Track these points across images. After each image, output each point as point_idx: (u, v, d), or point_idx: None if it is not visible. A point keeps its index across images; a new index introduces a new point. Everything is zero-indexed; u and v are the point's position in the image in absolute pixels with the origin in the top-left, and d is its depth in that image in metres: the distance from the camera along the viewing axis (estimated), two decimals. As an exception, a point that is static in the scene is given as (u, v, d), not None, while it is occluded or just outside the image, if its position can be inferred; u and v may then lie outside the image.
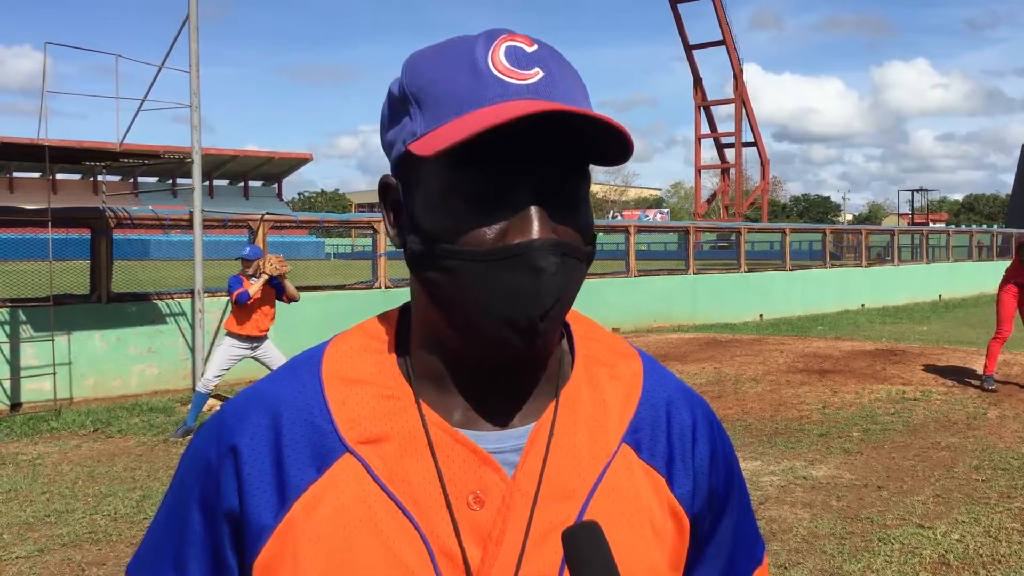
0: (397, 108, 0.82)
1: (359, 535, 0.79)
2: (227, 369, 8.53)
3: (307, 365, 0.87)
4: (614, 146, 0.77)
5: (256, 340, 8.54)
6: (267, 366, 8.75)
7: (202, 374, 8.94)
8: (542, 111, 0.72)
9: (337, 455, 0.81)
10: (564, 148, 0.77)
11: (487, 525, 0.79)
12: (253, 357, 8.61)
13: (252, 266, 8.60)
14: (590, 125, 0.75)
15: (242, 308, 8.39)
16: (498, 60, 0.77)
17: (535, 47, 0.79)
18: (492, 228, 0.76)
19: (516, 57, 0.77)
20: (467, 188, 0.76)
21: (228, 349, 8.48)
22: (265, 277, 8.43)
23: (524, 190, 0.76)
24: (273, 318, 8.71)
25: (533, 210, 0.76)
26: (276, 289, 8.63)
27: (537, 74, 0.77)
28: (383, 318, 0.91)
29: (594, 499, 0.83)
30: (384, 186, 0.86)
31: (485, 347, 0.80)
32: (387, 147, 0.84)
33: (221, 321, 10.84)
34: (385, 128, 0.84)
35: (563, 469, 0.83)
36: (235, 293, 8.33)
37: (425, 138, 0.76)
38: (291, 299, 8.78)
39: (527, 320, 0.76)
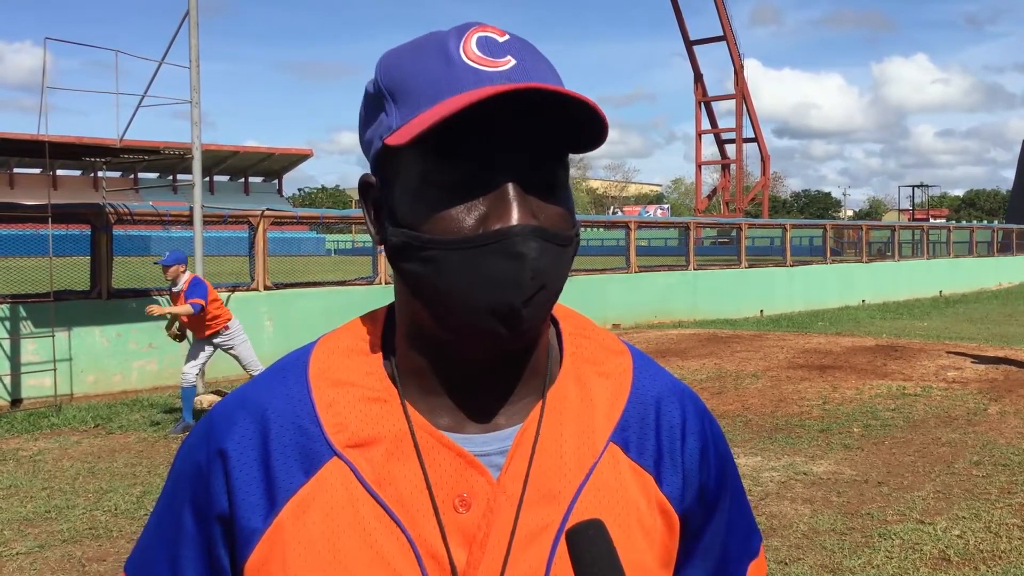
0: (373, 106, 0.82)
1: (347, 538, 0.79)
2: (200, 361, 8.51)
3: (294, 367, 0.87)
4: (589, 128, 0.77)
5: (206, 339, 8.48)
6: (239, 362, 8.73)
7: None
8: (514, 88, 0.72)
9: (325, 459, 0.81)
10: (540, 133, 0.77)
11: (473, 528, 0.80)
12: (224, 351, 8.63)
13: (170, 271, 8.34)
14: (565, 107, 0.75)
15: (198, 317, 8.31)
16: (470, 50, 0.77)
17: (507, 37, 0.79)
18: (472, 215, 0.76)
19: (488, 46, 0.78)
20: (445, 176, 0.76)
21: (196, 343, 8.56)
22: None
23: (502, 176, 0.76)
24: (201, 324, 8.42)
25: (512, 195, 0.76)
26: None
27: (509, 62, 0.77)
28: (369, 317, 0.90)
29: (580, 500, 0.83)
30: (364, 185, 0.85)
31: (470, 337, 0.79)
32: (365, 147, 0.84)
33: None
34: (363, 128, 0.85)
35: (548, 471, 0.82)
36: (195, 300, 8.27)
37: (400, 130, 0.76)
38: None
39: (509, 307, 0.76)
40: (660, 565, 0.86)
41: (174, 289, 8.37)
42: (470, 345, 0.81)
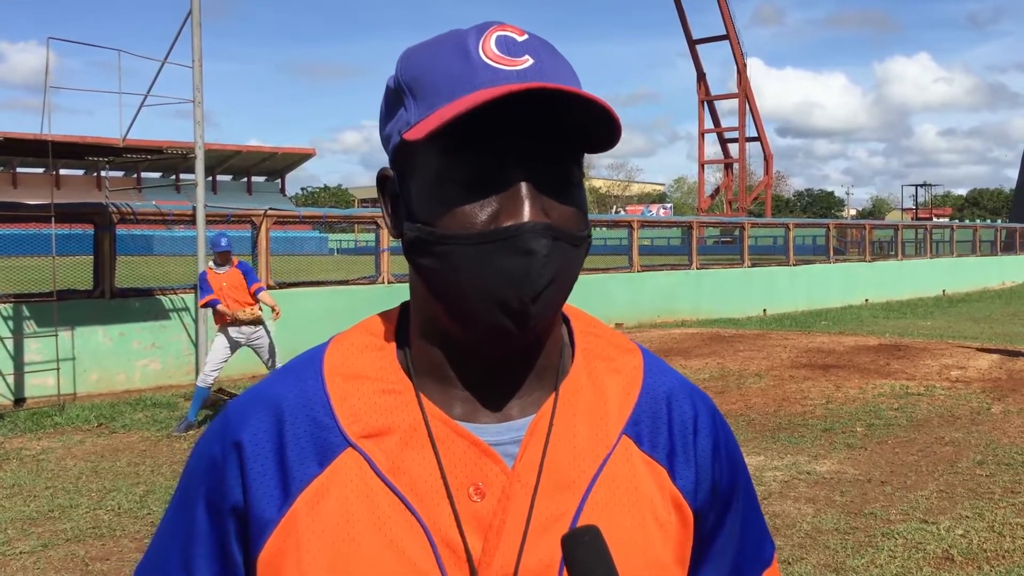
0: (393, 101, 0.84)
1: (362, 527, 0.79)
2: (224, 361, 8.51)
3: (308, 364, 0.88)
4: (603, 129, 0.78)
5: (244, 323, 8.47)
6: (260, 357, 8.73)
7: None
8: (529, 87, 0.73)
9: (339, 450, 0.82)
10: (554, 132, 0.78)
11: (488, 516, 0.80)
12: (248, 346, 8.60)
13: (224, 259, 8.54)
14: (579, 107, 0.76)
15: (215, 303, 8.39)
16: (489, 49, 0.78)
17: (525, 36, 0.81)
18: (484, 212, 0.77)
19: (506, 45, 0.79)
20: (459, 172, 0.77)
21: (222, 340, 8.50)
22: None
23: (515, 174, 0.77)
24: (256, 303, 8.58)
25: (524, 193, 0.77)
26: (246, 277, 8.57)
27: (527, 61, 0.78)
28: (383, 316, 0.92)
29: (594, 490, 0.83)
30: (382, 178, 0.87)
31: (481, 332, 0.80)
32: (385, 141, 0.85)
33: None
34: (383, 123, 0.86)
35: (562, 460, 0.83)
36: (207, 298, 8.42)
37: (417, 125, 0.77)
38: (258, 300, 8.64)
39: (519, 303, 0.77)
40: (675, 561, 0.87)
41: (220, 271, 8.47)
42: (481, 340, 0.81)
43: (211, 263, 8.65)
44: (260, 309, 8.58)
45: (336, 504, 0.80)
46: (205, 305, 8.51)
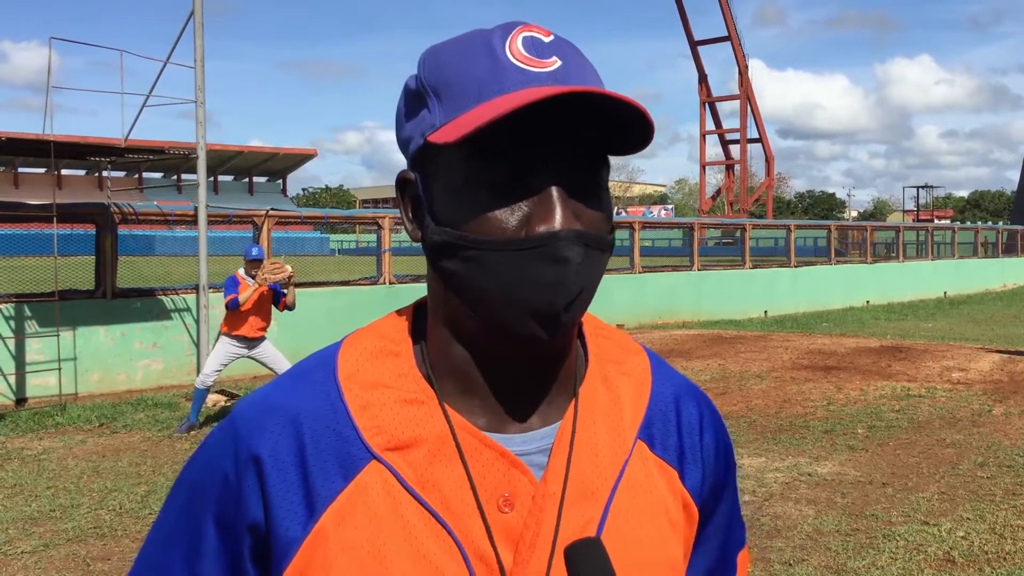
0: (414, 102, 0.81)
1: (392, 542, 0.78)
2: (225, 365, 8.50)
3: (321, 369, 0.84)
4: (635, 129, 0.76)
5: (252, 340, 8.46)
6: (266, 366, 8.70)
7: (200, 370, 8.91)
8: (562, 92, 0.71)
9: (363, 463, 0.80)
10: (584, 135, 0.77)
11: (517, 527, 0.79)
12: (250, 357, 8.57)
13: (256, 267, 8.49)
14: (610, 109, 0.75)
15: (234, 311, 8.32)
16: (516, 49, 0.77)
17: (551, 37, 0.79)
18: (515, 217, 0.75)
19: (534, 46, 0.77)
20: (489, 176, 0.75)
21: (225, 347, 8.45)
22: (260, 286, 8.25)
23: (546, 178, 0.75)
24: (270, 319, 8.61)
25: (556, 199, 0.75)
26: (274, 294, 8.53)
27: (555, 62, 0.77)
28: (395, 318, 0.89)
29: (616, 497, 0.83)
30: (402, 181, 0.84)
31: (508, 339, 0.79)
32: (404, 143, 0.83)
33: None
34: (401, 124, 0.83)
35: (586, 469, 0.83)
36: (228, 298, 8.28)
37: (445, 127, 0.75)
38: (287, 307, 8.66)
39: (551, 310, 0.76)
40: (683, 557, 0.89)
41: (252, 283, 8.38)
42: (508, 346, 0.80)
43: (242, 272, 8.46)
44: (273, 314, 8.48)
45: (364, 519, 0.78)
46: (228, 303, 8.37)
